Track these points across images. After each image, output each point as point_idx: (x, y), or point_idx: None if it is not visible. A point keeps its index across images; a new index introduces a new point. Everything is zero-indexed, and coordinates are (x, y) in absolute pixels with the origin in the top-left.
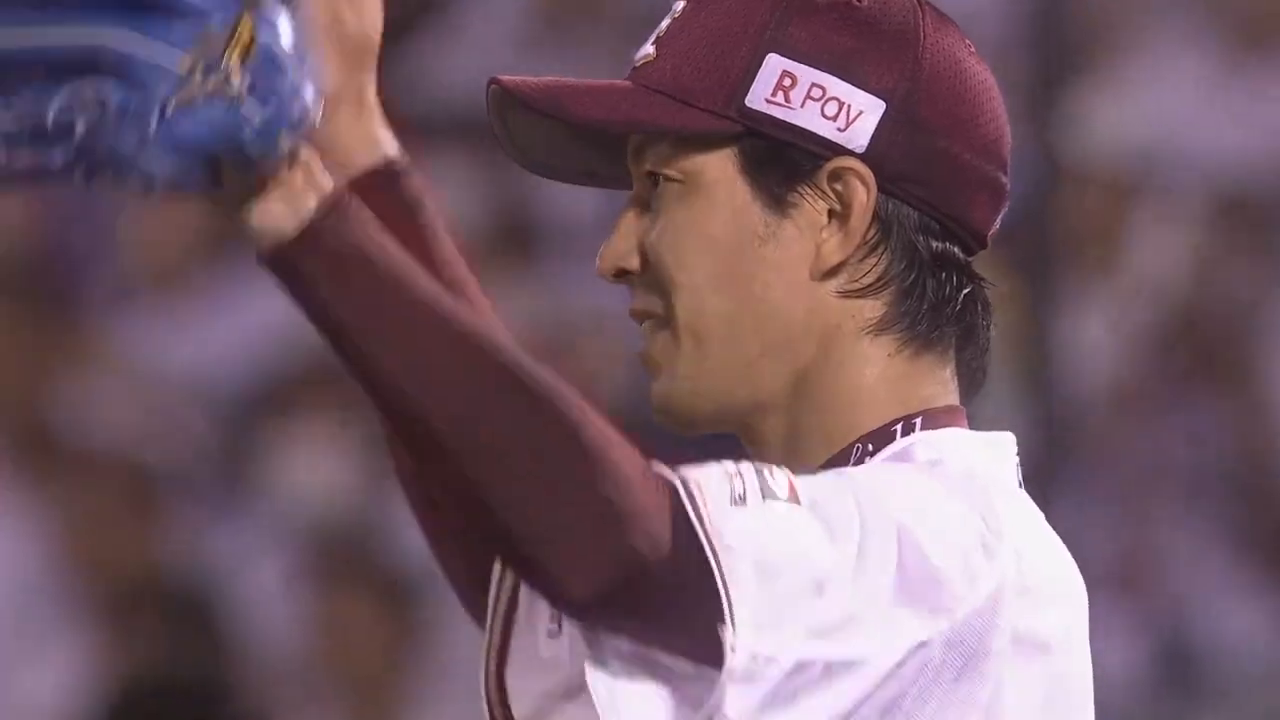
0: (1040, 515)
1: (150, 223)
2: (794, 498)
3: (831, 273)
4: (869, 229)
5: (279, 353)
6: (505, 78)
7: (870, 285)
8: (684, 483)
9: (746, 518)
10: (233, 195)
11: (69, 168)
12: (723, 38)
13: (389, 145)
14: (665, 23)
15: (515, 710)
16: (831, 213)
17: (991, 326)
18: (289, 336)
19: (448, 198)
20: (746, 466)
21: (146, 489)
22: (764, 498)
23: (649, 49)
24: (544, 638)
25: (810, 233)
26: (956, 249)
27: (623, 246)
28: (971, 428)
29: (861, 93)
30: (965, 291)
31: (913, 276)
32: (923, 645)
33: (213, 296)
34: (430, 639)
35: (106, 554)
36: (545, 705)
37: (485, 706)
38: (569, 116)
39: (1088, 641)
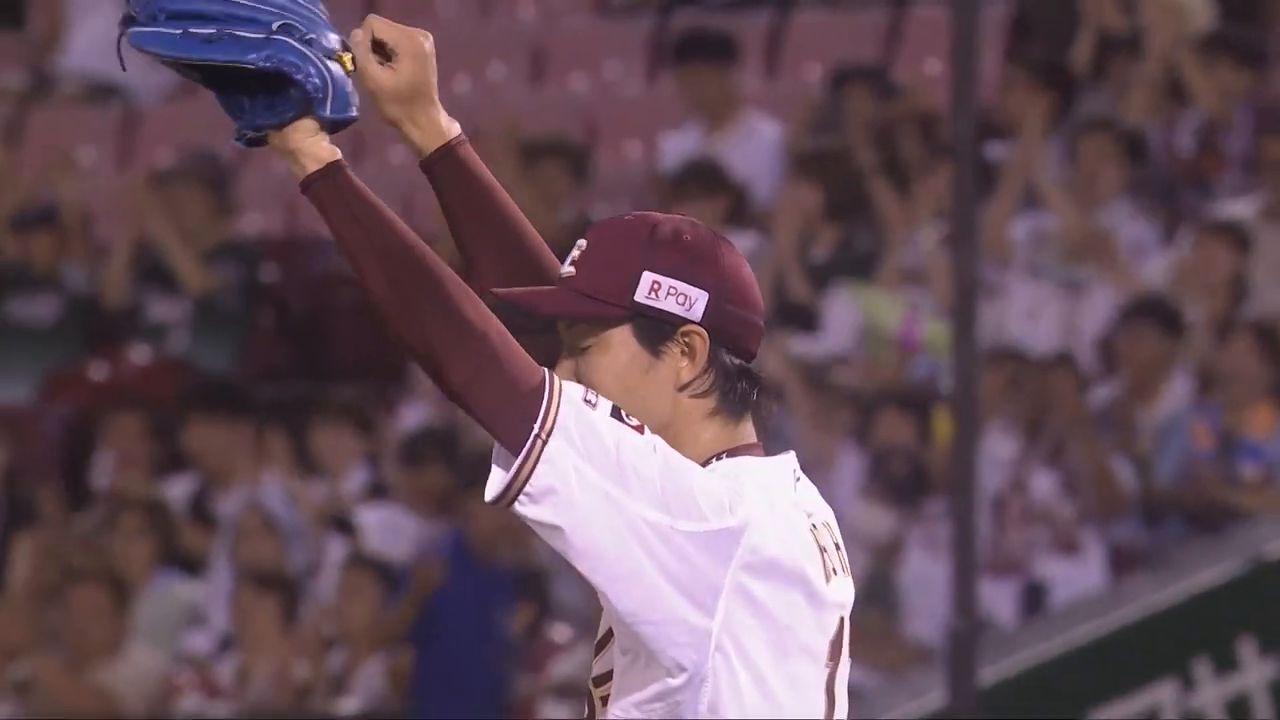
0: (814, 500)
1: None
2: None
3: (684, 386)
4: (705, 362)
5: None
6: (501, 291)
7: (705, 390)
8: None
9: (591, 407)
10: (308, 128)
11: (265, 60)
12: (616, 263)
13: (452, 124)
14: (575, 254)
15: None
16: (683, 353)
17: (769, 400)
18: None
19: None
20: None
21: None
22: (610, 410)
23: (570, 269)
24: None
25: (672, 365)
26: (745, 363)
27: (564, 376)
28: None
29: (695, 289)
30: (756, 385)
31: (726, 384)
32: (651, 523)
33: None
34: None
35: None
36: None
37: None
38: (542, 313)
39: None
